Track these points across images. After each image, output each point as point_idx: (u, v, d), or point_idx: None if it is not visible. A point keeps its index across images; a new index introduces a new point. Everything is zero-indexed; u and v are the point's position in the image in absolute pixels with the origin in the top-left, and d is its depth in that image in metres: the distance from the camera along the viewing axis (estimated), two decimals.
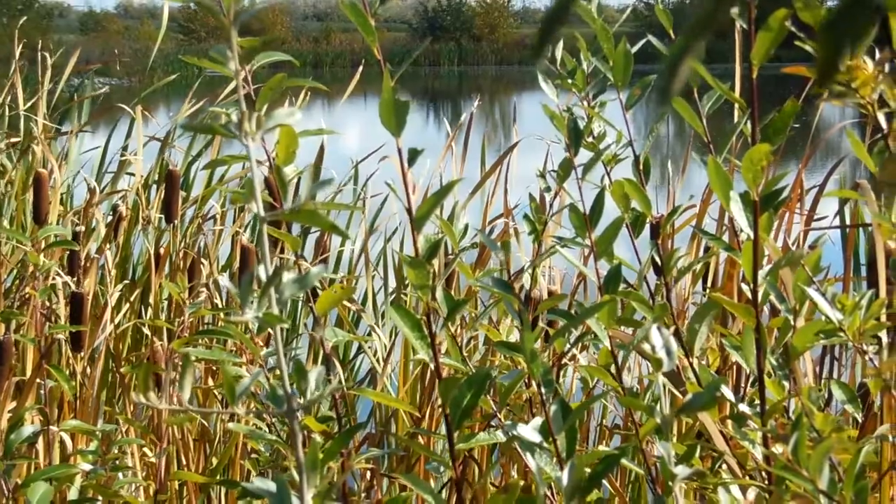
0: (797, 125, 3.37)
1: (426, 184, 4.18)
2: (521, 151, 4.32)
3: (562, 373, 3.00)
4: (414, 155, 1.48)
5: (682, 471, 1.20)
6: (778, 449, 1.53)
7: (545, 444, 1.38)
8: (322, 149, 4.27)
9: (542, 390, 1.44)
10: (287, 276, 1.04)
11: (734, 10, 1.76)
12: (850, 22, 0.40)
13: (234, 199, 4.13)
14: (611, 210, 1.89)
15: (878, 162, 1.54)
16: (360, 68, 5.13)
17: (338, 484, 1.78)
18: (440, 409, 2.58)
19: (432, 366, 1.54)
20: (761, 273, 1.75)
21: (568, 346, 1.91)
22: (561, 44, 1.99)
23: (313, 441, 1.28)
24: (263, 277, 1.03)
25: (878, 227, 1.55)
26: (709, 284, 3.35)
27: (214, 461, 3.36)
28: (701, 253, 3.32)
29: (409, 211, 1.50)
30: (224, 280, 1.08)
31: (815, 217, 3.28)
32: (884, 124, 1.44)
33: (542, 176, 2.08)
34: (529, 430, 1.38)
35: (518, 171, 4.26)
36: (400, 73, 1.49)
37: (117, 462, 2.58)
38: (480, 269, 3.63)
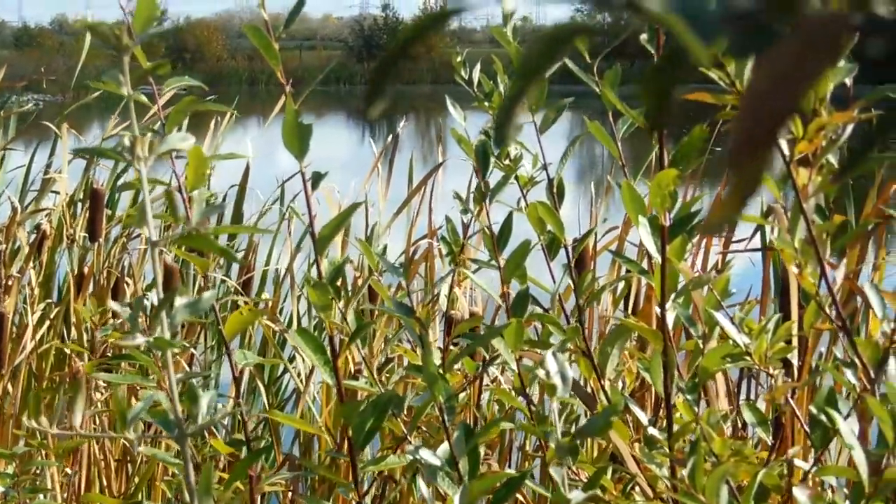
0: (719, 148, 3.40)
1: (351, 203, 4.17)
2: (451, 171, 4.32)
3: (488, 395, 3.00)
4: (317, 178, 1.48)
5: (576, 496, 1.21)
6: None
7: (447, 468, 1.38)
8: (248, 169, 4.26)
9: (445, 415, 1.44)
10: (179, 301, 1.04)
11: (643, 37, 1.77)
12: (671, 73, 0.41)
13: (125, 222, 4.11)
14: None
15: (780, 188, 1.55)
16: (289, 87, 5.09)
17: None
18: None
19: (335, 389, 1.54)
20: (672, 296, 1.76)
21: (479, 368, 1.91)
22: (478, 65, 2.00)
23: (205, 465, 1.28)
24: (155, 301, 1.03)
25: (781, 252, 1.56)
26: (630, 307, 3.37)
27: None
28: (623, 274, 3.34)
29: (311, 234, 1.50)
30: (116, 305, 1.07)
31: (735, 240, 3.31)
32: (785, 150, 1.46)
33: (459, 198, 2.08)
34: (430, 454, 1.39)
35: (445, 191, 4.26)
36: (322, 93, 1.49)
37: (37, 483, 2.55)
38: (405, 289, 3.63)
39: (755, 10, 0.40)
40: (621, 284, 3.14)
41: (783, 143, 1.45)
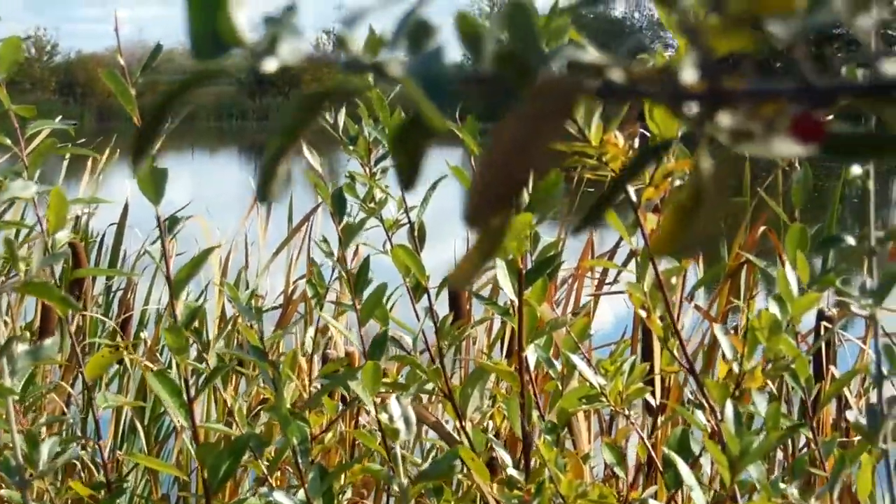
0: (590, 189, 3.44)
1: (231, 242, 4.17)
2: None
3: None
4: (174, 222, 1.49)
5: None
6: None
7: None
8: (126, 207, 4.24)
9: (298, 456, 1.45)
10: (20, 348, 1.04)
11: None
12: (417, 135, 0.43)
13: None
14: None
15: (631, 233, 1.58)
16: (172, 124, 5.07)
17: None
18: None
19: (189, 431, 1.54)
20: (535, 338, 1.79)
21: (340, 409, 1.92)
22: (343, 109, 2.02)
23: None
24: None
25: (630, 297, 1.59)
26: (505, 348, 3.39)
27: None
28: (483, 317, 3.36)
29: (167, 278, 1.51)
30: None
31: (607, 282, 3.35)
32: (633, 196, 1.49)
33: (326, 241, 2.10)
34: (284, 496, 1.40)
35: (327, 230, 4.25)
36: (216, 129, 1.50)
37: None
38: (282, 329, 3.63)
39: (495, 76, 0.42)
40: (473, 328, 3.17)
41: (631, 191, 1.48)
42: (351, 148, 2.00)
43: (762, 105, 0.42)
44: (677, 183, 1.53)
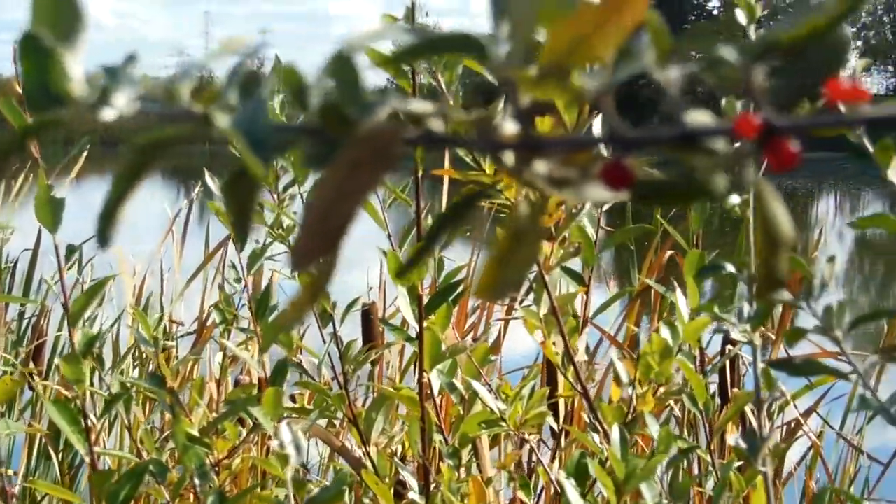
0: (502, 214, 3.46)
1: (146, 269, 4.16)
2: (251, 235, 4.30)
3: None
4: (71, 251, 1.49)
5: None
6: None
7: None
8: (40, 233, 4.21)
9: (197, 481, 1.46)
10: None
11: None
12: (245, 185, 0.45)
13: None
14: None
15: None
16: (81, 151, 5.04)
17: None
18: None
19: (87, 459, 1.55)
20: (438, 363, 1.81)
21: (242, 435, 1.93)
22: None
23: None
24: None
25: (525, 323, 1.62)
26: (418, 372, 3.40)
27: None
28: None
29: (64, 307, 1.51)
30: None
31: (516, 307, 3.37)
32: None
33: (234, 267, 2.11)
34: None
35: (243, 256, 4.24)
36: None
37: None
38: (197, 353, 3.62)
39: (319, 127, 0.44)
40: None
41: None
42: None
43: (576, 153, 0.44)
44: (572, 212, 1.56)
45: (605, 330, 2.98)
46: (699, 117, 0.44)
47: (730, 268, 1.18)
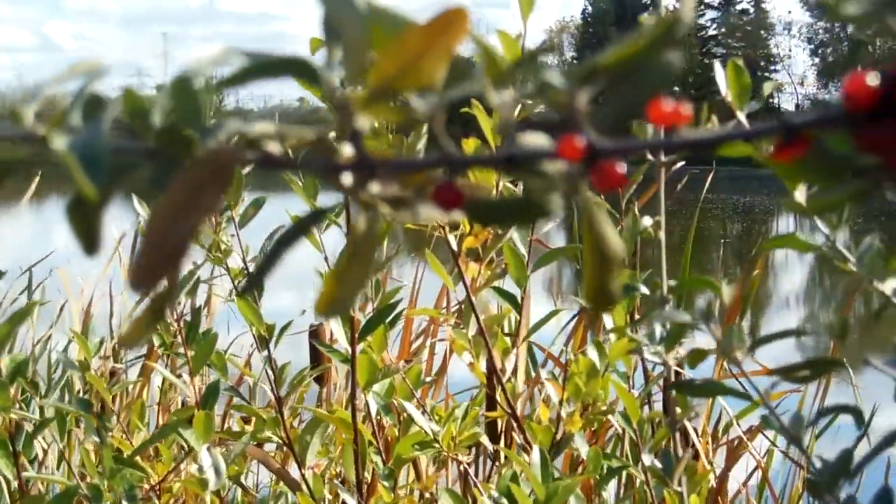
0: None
1: (95, 290, 4.15)
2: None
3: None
4: None
5: None
6: None
7: None
8: None
9: None
10: None
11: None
12: (83, 209, 0.45)
13: None
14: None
15: (455, 281, 1.62)
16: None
17: None
18: None
19: (14, 483, 1.55)
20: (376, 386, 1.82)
21: (178, 457, 1.93)
22: None
23: None
24: None
25: (453, 344, 1.63)
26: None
27: None
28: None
29: None
30: None
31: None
32: (454, 246, 1.53)
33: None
34: None
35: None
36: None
37: None
38: (144, 376, 3.62)
39: (159, 149, 0.45)
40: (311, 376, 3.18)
41: (452, 240, 1.52)
42: None
43: (411, 175, 0.45)
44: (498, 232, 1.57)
45: (545, 348, 2.99)
46: (530, 140, 0.45)
47: (643, 289, 1.20)
